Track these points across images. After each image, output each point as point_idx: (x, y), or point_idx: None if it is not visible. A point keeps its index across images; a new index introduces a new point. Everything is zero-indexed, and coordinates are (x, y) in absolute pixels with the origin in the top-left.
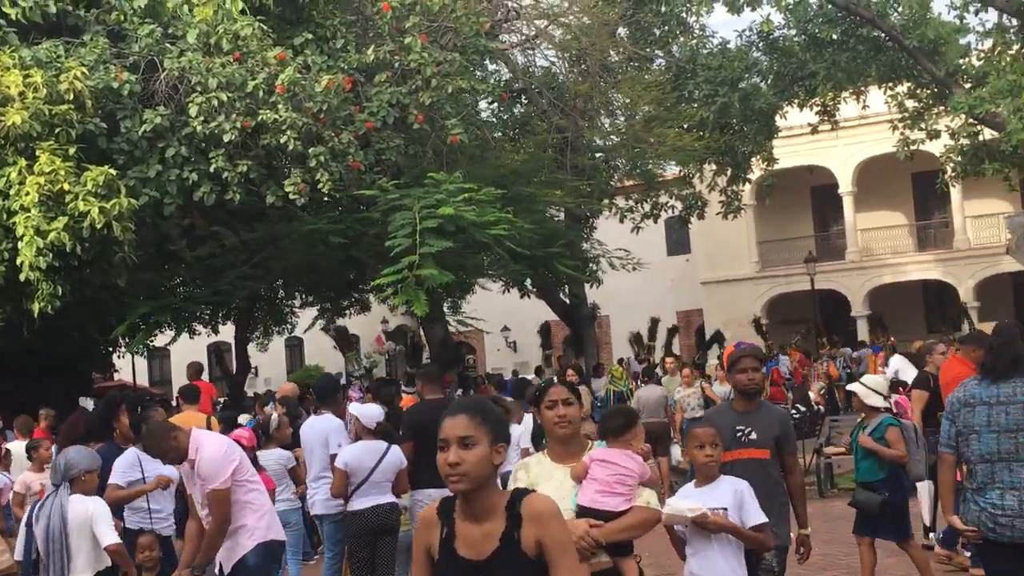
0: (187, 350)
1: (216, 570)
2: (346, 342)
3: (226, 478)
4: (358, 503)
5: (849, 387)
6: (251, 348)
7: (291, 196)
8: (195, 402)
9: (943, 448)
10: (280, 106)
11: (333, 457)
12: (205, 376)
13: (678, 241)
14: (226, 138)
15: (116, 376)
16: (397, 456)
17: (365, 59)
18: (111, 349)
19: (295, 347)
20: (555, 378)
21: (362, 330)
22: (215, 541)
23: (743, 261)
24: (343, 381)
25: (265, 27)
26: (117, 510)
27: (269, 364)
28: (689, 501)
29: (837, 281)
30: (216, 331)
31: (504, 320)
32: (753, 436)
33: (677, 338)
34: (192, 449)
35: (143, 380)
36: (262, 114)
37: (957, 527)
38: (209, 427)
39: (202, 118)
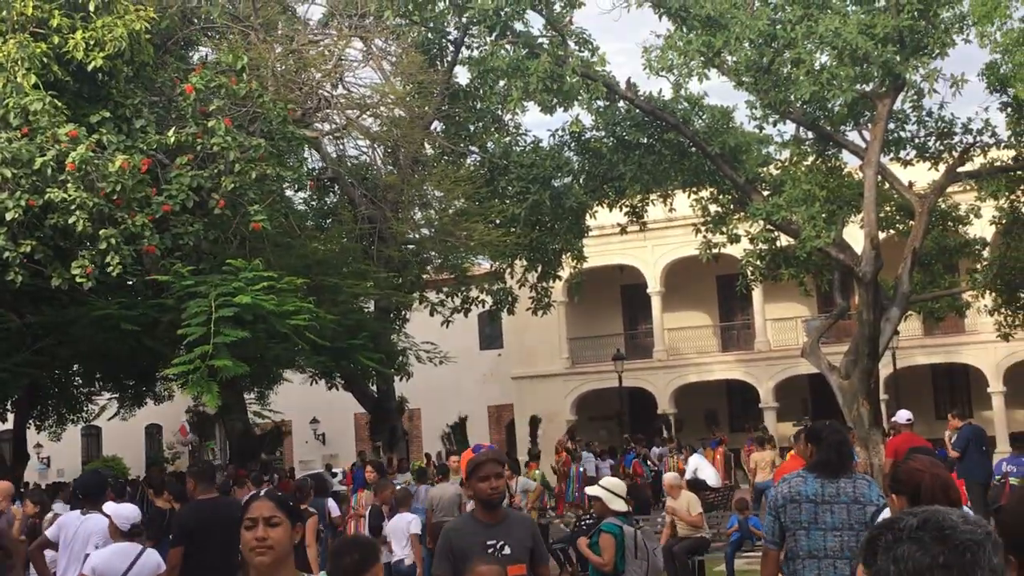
0: None
1: None
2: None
3: None
4: None
5: (589, 490)
6: (43, 437)
7: (78, 279)
8: None
9: (768, 544)
10: (70, 185)
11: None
12: None
13: (490, 335)
14: (9, 216)
15: None
16: (154, 561)
17: (166, 140)
18: None
19: (92, 436)
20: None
21: (165, 420)
22: None
23: (554, 357)
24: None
25: (59, 103)
26: None
27: (64, 454)
28: None
29: (644, 379)
30: (3, 419)
31: (313, 412)
32: (507, 551)
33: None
34: None
35: None
36: (50, 192)
37: None
38: None
39: None
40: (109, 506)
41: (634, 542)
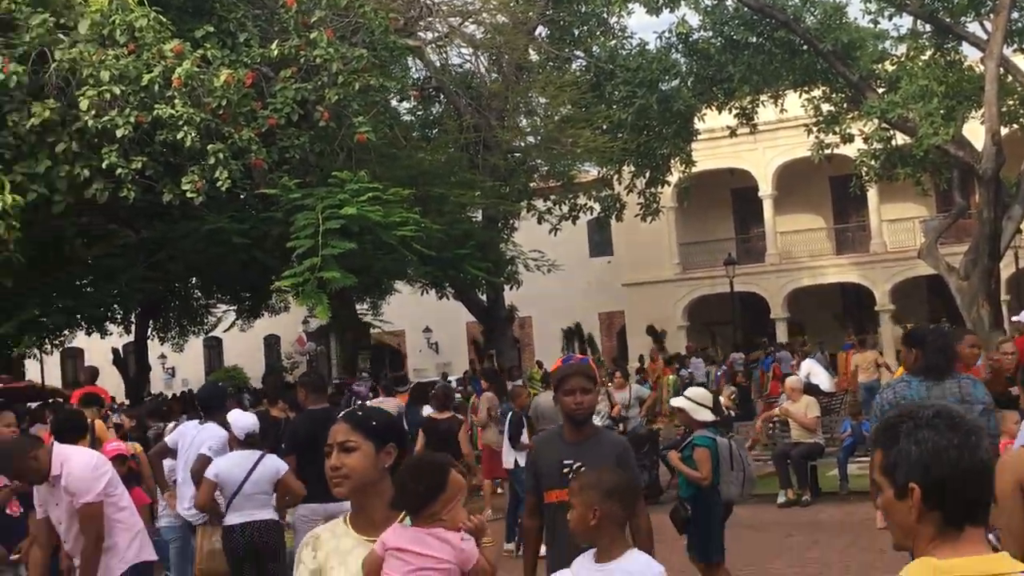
0: (101, 349)
1: None
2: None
3: (98, 492)
4: (230, 518)
5: (673, 402)
6: (167, 348)
7: (188, 194)
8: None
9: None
10: (177, 101)
11: (199, 457)
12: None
13: (600, 243)
14: (119, 133)
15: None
16: (272, 466)
17: (269, 54)
18: (13, 349)
19: (214, 347)
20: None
21: (283, 330)
22: (93, 561)
23: (664, 263)
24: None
25: (164, 19)
26: None
27: (187, 365)
28: None
29: (757, 283)
30: (129, 331)
31: (425, 321)
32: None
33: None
34: (56, 464)
35: (55, 381)
36: (158, 109)
37: None
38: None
39: (94, 112)
40: (232, 414)
41: (729, 453)
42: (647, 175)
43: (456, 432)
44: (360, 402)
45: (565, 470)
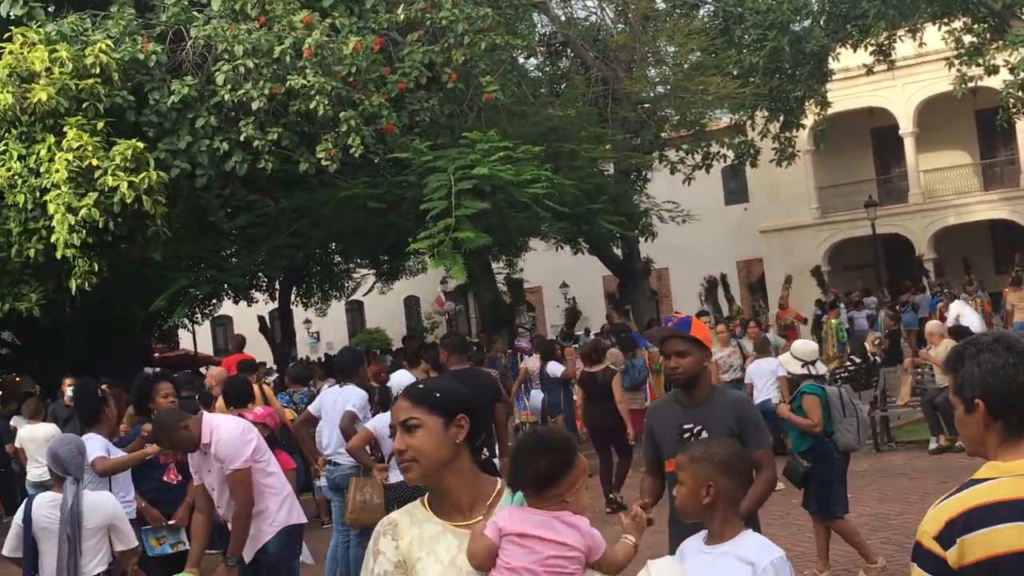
0: (248, 317)
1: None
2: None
3: (246, 458)
4: (392, 475)
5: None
6: (311, 314)
7: (323, 162)
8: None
9: None
10: (308, 71)
11: (346, 414)
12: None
13: (735, 190)
14: (255, 105)
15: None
16: None
17: (395, 19)
18: (167, 320)
19: (355, 311)
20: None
21: (421, 291)
22: (244, 524)
23: (803, 208)
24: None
25: None
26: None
27: (331, 329)
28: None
29: (900, 224)
30: (274, 298)
31: (562, 276)
32: (705, 436)
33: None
34: (206, 433)
35: (207, 349)
36: (290, 80)
37: None
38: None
39: (230, 86)
40: (392, 375)
41: (839, 400)
42: (781, 119)
43: (610, 383)
44: (525, 357)
45: (686, 435)
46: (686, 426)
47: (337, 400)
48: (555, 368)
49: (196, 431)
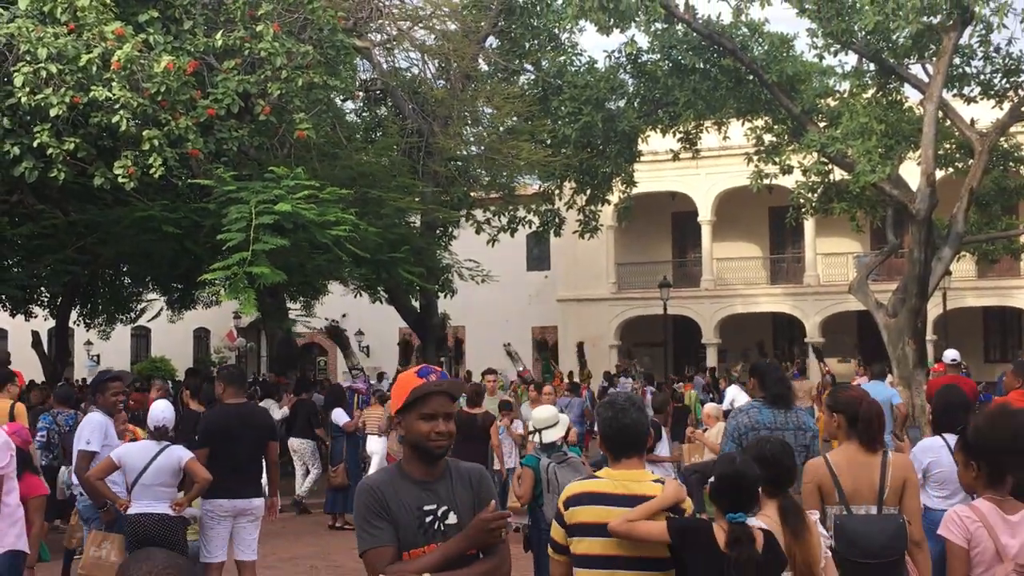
0: (25, 332)
1: None
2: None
3: (4, 464)
4: (132, 507)
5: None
6: (93, 335)
7: (121, 179)
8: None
9: None
10: (115, 84)
11: (79, 453)
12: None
13: (539, 257)
14: (53, 112)
15: None
16: (175, 455)
17: (213, 44)
18: None
19: (141, 337)
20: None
21: (213, 324)
22: None
23: (601, 281)
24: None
25: (107, 0)
26: None
27: (113, 353)
28: None
29: (691, 308)
30: (52, 314)
31: (358, 324)
32: (452, 519)
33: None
34: None
35: None
36: (94, 91)
37: None
38: (12, 414)
39: (28, 89)
40: (151, 406)
41: (547, 475)
42: (588, 192)
43: (489, 426)
44: (363, 397)
45: (428, 519)
46: (427, 507)
47: (78, 428)
48: (339, 416)
49: None
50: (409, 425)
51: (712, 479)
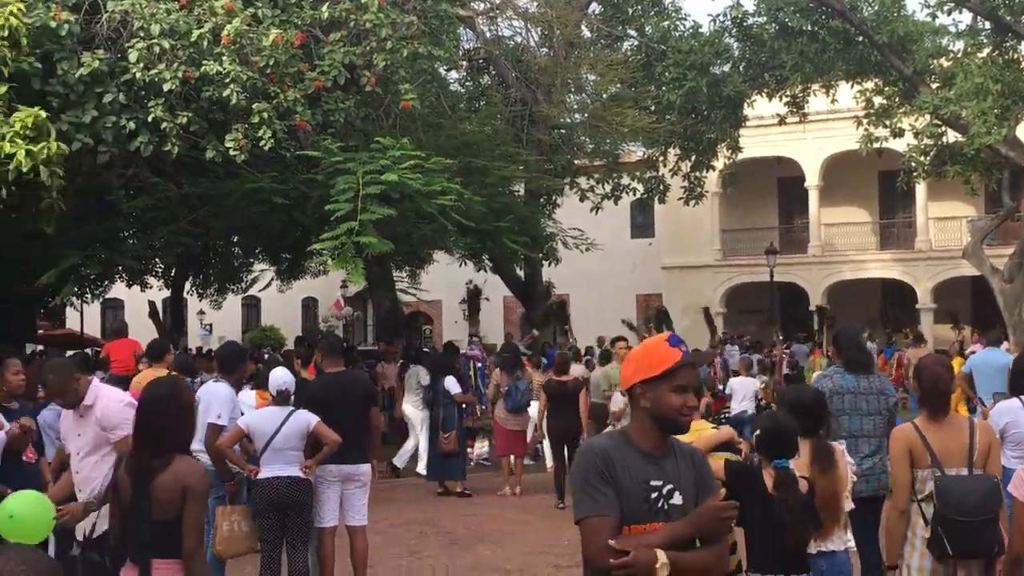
0: (141, 302)
1: (79, 537)
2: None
3: (132, 429)
4: (262, 472)
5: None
6: (205, 305)
7: (232, 152)
8: (159, 360)
9: None
10: (225, 58)
11: (209, 426)
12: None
13: (642, 224)
14: (167, 87)
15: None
16: (303, 420)
17: (319, 16)
18: (54, 297)
19: (252, 307)
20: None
21: (321, 293)
22: None
23: (705, 248)
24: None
25: None
26: None
27: (225, 322)
28: None
29: (797, 274)
30: (169, 285)
31: (463, 293)
32: (677, 499)
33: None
34: (90, 395)
35: (95, 330)
36: (206, 65)
37: None
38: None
39: (142, 65)
40: (271, 372)
41: None
42: (692, 159)
43: (578, 393)
44: (478, 365)
45: (654, 496)
46: (654, 482)
47: (203, 398)
48: (452, 385)
49: (84, 389)
50: (658, 396)
51: (757, 431)
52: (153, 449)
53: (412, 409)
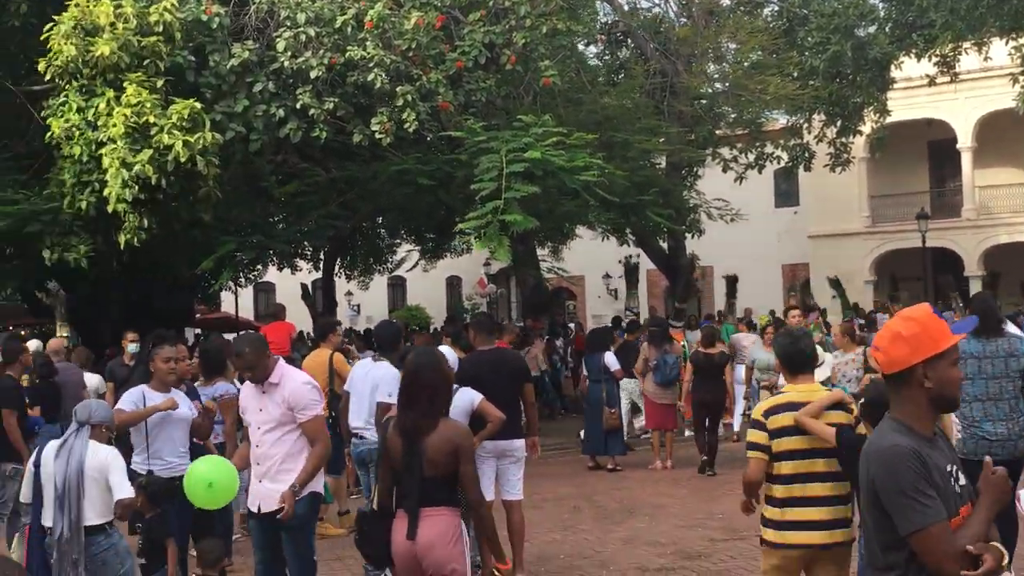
0: (292, 285)
1: (252, 509)
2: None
3: (322, 408)
4: None
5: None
6: (353, 286)
7: (377, 135)
8: (324, 340)
9: None
10: (368, 43)
11: (379, 405)
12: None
13: (786, 193)
14: (313, 74)
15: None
16: (467, 397)
17: None
18: (212, 283)
19: (397, 286)
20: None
21: (465, 272)
22: (316, 464)
23: (853, 215)
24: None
25: None
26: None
27: (372, 302)
28: None
29: (950, 239)
30: (318, 268)
31: (605, 267)
32: (962, 479)
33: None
34: (276, 374)
35: (248, 313)
36: (350, 51)
37: None
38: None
39: (290, 53)
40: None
41: None
42: (838, 124)
43: (724, 365)
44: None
45: (953, 483)
46: (949, 468)
47: (369, 374)
48: (612, 361)
49: (272, 365)
50: (942, 374)
51: (862, 401)
52: (421, 411)
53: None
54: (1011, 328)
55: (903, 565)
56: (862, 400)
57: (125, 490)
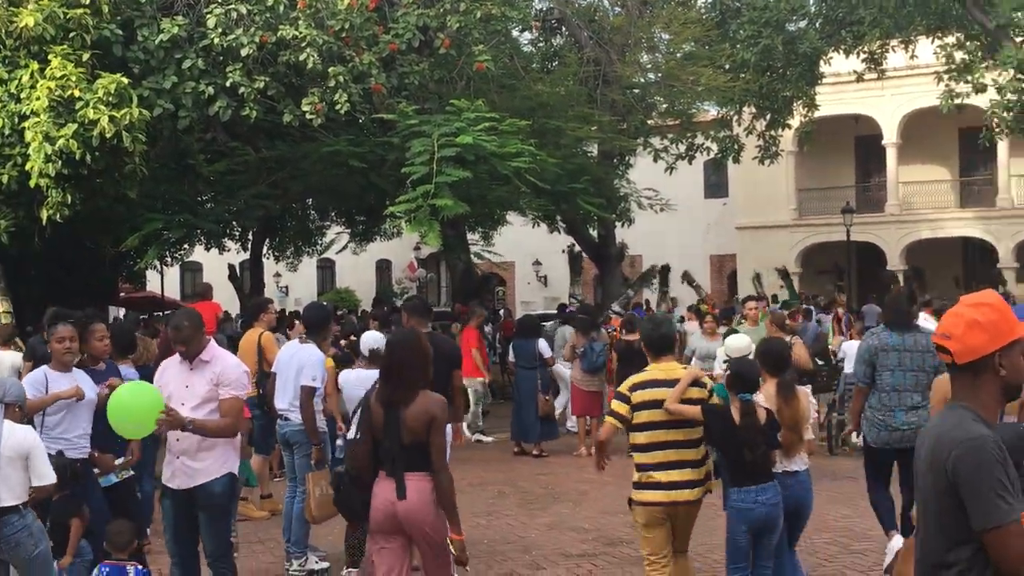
0: (219, 265)
1: (170, 486)
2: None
3: (246, 391)
4: (351, 433)
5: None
6: (281, 267)
7: (308, 115)
8: (256, 319)
9: (860, 383)
10: (301, 22)
11: (303, 388)
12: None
13: (716, 184)
14: (244, 52)
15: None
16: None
17: None
18: (137, 261)
19: (327, 269)
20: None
21: (395, 256)
22: (220, 427)
23: (781, 208)
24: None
25: None
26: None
27: (300, 284)
28: None
29: (874, 234)
30: (246, 248)
31: (535, 254)
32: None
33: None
34: (208, 352)
35: (174, 293)
36: (282, 29)
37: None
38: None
39: (220, 30)
40: (363, 334)
41: None
42: (768, 117)
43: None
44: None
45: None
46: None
47: (294, 356)
48: (544, 348)
49: (204, 345)
50: (1015, 362)
51: (728, 372)
52: (395, 384)
53: (559, 367)
54: (924, 323)
55: (966, 562)
56: (727, 373)
57: (48, 476)
